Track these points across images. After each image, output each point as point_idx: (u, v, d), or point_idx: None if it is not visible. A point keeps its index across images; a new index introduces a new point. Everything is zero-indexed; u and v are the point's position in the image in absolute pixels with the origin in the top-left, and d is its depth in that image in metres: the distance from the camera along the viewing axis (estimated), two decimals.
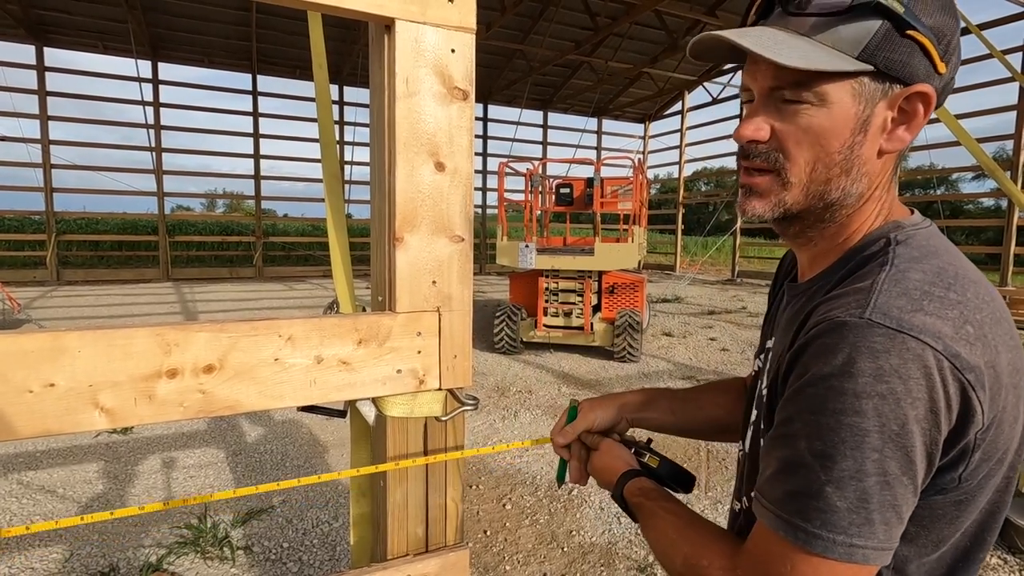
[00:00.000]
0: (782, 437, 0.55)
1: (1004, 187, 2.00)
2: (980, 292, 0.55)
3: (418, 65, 0.78)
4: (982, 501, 0.57)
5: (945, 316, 0.51)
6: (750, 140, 0.62)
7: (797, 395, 0.54)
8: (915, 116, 0.57)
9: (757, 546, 0.56)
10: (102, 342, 0.65)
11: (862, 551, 0.50)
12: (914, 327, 0.50)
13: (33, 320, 8.02)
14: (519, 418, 4.49)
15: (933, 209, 11.48)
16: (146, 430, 4.06)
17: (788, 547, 0.52)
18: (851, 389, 0.49)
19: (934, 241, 0.60)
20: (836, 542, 0.50)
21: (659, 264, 18.34)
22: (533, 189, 7.18)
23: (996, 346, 0.52)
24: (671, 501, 0.73)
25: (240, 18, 12.50)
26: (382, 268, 0.86)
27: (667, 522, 0.68)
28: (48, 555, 2.52)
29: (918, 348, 0.49)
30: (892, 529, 0.51)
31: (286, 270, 15.48)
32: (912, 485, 0.51)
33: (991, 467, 0.55)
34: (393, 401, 0.84)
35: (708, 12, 11.64)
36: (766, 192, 0.63)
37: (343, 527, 2.79)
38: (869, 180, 0.61)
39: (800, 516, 0.52)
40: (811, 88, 0.57)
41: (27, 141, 12.19)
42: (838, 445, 0.50)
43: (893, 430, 0.49)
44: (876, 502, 0.50)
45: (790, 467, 0.53)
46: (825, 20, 0.56)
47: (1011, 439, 0.55)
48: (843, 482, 0.50)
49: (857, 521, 0.50)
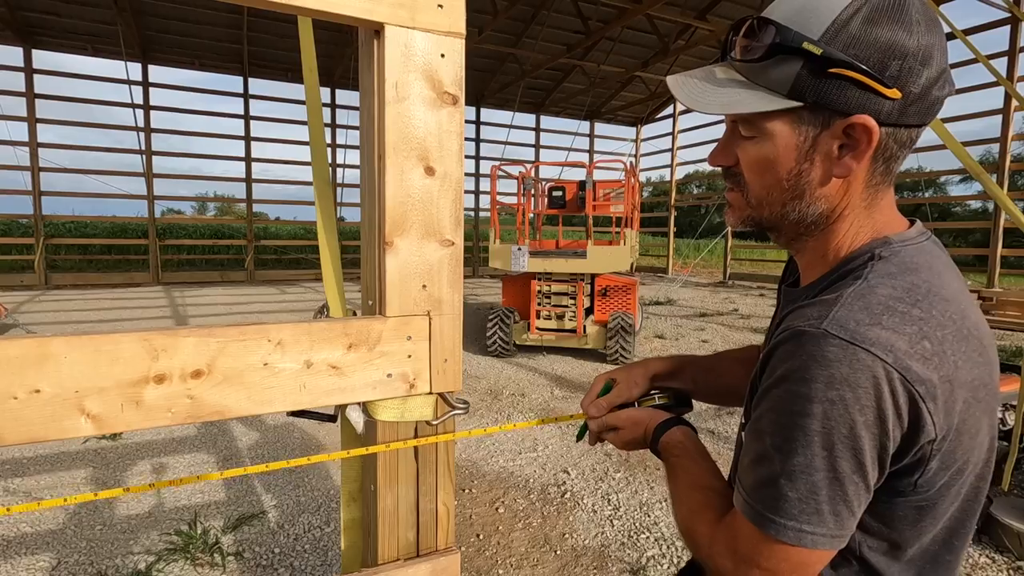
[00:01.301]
0: (755, 431, 0.62)
1: (990, 190, 2.03)
2: (949, 310, 0.58)
3: (407, 70, 0.78)
4: (945, 507, 0.61)
5: (902, 331, 0.55)
6: (717, 165, 0.71)
7: (765, 394, 0.61)
8: (858, 145, 0.61)
9: (732, 524, 0.64)
10: (88, 348, 0.65)
11: (811, 536, 0.56)
12: (867, 340, 0.54)
13: (21, 325, 7.92)
14: (512, 421, 4.49)
15: (921, 212, 11.62)
16: (135, 436, 4.02)
17: (752, 528, 0.60)
18: (805, 394, 0.55)
19: (919, 258, 0.62)
20: (787, 527, 0.57)
21: (651, 267, 18.40)
22: (526, 192, 7.19)
23: (956, 362, 0.56)
24: (687, 458, 0.79)
25: (231, 20, 12.45)
26: (372, 272, 0.86)
27: (681, 480, 0.77)
28: (35, 563, 2.49)
29: (868, 360, 0.53)
30: (843, 520, 0.57)
31: (277, 273, 15.41)
32: (864, 483, 0.56)
33: (950, 476, 0.59)
34: (384, 405, 0.84)
35: (699, 16, 11.72)
36: (736, 207, 0.72)
37: (334, 532, 2.78)
38: (828, 202, 0.65)
39: (761, 503, 0.59)
40: (755, 124, 0.64)
41: (15, 144, 12.07)
42: (792, 443, 0.56)
43: (842, 433, 0.54)
44: (825, 495, 0.55)
45: (758, 458, 0.60)
46: (755, 66, 0.63)
47: (971, 450, 0.59)
48: (794, 475, 0.56)
49: (807, 510, 0.56)
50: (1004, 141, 10.20)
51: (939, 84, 0.60)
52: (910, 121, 0.60)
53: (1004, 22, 10.05)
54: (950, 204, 15.82)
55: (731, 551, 0.63)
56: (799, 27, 0.59)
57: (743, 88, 0.64)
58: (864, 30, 0.57)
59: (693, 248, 18.36)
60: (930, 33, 0.58)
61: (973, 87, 10.32)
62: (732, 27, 0.67)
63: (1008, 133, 10.15)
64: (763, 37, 0.61)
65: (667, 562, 2.56)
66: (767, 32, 0.61)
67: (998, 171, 10.11)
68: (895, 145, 0.62)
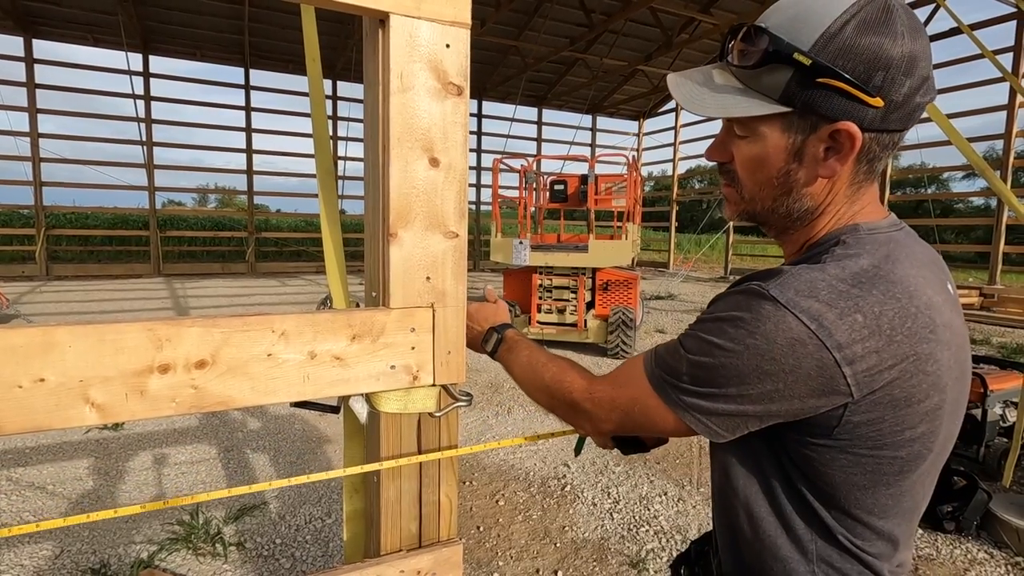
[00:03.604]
0: (684, 336, 0.70)
1: (993, 186, 2.02)
2: (893, 291, 0.61)
3: (412, 60, 0.77)
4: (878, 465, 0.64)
5: (835, 305, 0.60)
6: (713, 160, 0.76)
7: (701, 322, 0.69)
8: (842, 149, 0.65)
9: (622, 371, 0.76)
10: (92, 337, 0.65)
11: (683, 409, 0.67)
12: (797, 305, 0.60)
13: (22, 315, 7.94)
14: (512, 414, 4.50)
15: (924, 208, 11.58)
16: (138, 426, 4.04)
17: (644, 380, 0.71)
18: (730, 333, 0.63)
19: (878, 247, 0.66)
20: (670, 394, 0.68)
21: (652, 261, 18.39)
22: (527, 186, 7.18)
23: (892, 335, 0.60)
24: (537, 349, 0.95)
25: (232, 11, 12.38)
26: (376, 264, 0.86)
27: (537, 357, 0.92)
28: (38, 552, 2.50)
29: (793, 322, 0.59)
30: (712, 416, 0.66)
31: (279, 265, 15.40)
32: (739, 406, 0.64)
33: (881, 437, 0.63)
34: (387, 397, 0.84)
35: (702, 10, 11.64)
36: (731, 201, 0.78)
37: (336, 523, 2.79)
38: (813, 199, 0.70)
39: (662, 370, 0.70)
40: (748, 125, 0.69)
41: (16, 134, 12.05)
42: (703, 361, 0.65)
43: (743, 372, 0.62)
44: (706, 391, 0.65)
45: (674, 352, 0.70)
46: (749, 72, 0.67)
47: (902, 416, 0.62)
48: (694, 376, 0.66)
49: (691, 389, 0.66)
50: (1008, 137, 10.15)
51: (922, 91, 0.63)
52: (892, 127, 0.64)
53: (1010, 17, 9.99)
54: (952, 200, 15.78)
55: (614, 392, 0.75)
56: (791, 37, 0.63)
57: (738, 93, 0.69)
58: (851, 42, 0.61)
59: (694, 243, 18.33)
60: (914, 41, 0.61)
61: (978, 83, 10.27)
62: (730, 32, 0.71)
63: (1012, 129, 10.11)
64: (758, 43, 0.65)
65: (666, 555, 2.57)
66: (762, 39, 0.65)
67: (1002, 167, 10.07)
68: (878, 148, 0.66)
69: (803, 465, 0.66)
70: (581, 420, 0.81)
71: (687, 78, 0.74)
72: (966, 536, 2.71)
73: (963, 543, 2.68)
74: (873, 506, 0.66)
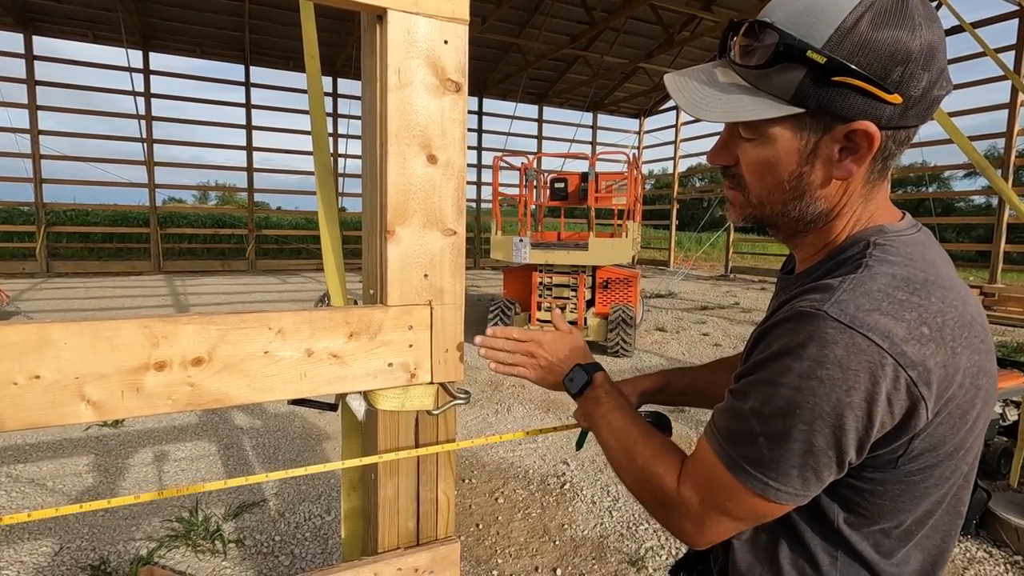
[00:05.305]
0: (739, 393, 0.63)
1: (995, 185, 2.02)
2: (948, 296, 0.59)
3: (410, 56, 0.77)
4: (929, 488, 0.62)
5: (901, 317, 0.56)
6: (717, 164, 0.72)
7: (757, 366, 0.61)
8: (859, 149, 0.61)
9: (698, 462, 0.67)
10: (88, 334, 0.64)
11: (775, 491, 0.59)
12: (865, 324, 0.55)
13: (22, 312, 7.94)
14: (512, 412, 4.50)
15: (925, 206, 11.57)
16: (137, 423, 4.04)
17: (723, 472, 0.62)
18: (796, 369, 0.56)
19: (912, 249, 0.63)
20: (756, 478, 0.60)
21: (653, 260, 18.37)
22: (528, 183, 7.17)
23: (954, 348, 0.57)
24: (624, 406, 0.82)
25: (232, 7, 12.35)
26: (374, 261, 0.86)
27: (626, 423, 0.79)
28: (37, 548, 2.50)
29: (864, 344, 0.54)
30: (808, 484, 0.59)
31: (279, 263, 15.39)
32: (836, 459, 0.58)
33: (939, 458, 0.60)
34: (384, 395, 0.84)
35: (704, 7, 11.61)
36: (736, 205, 0.73)
37: (335, 521, 2.79)
38: (827, 202, 0.66)
39: (737, 452, 0.61)
40: (756, 127, 0.64)
41: (16, 131, 12.02)
42: (774, 410, 0.58)
43: (825, 410, 0.56)
44: (797, 462, 0.58)
45: (738, 415, 0.62)
46: (759, 73, 0.62)
47: (964, 436, 0.60)
48: (772, 438, 0.59)
49: (778, 469, 0.59)
50: (1010, 136, 10.13)
51: (939, 84, 0.60)
52: (910, 123, 0.61)
53: (1012, 15, 9.95)
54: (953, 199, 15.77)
55: (700, 491, 0.65)
56: (802, 33, 0.58)
57: (745, 93, 0.64)
58: (868, 36, 0.56)
59: (695, 241, 18.31)
60: (932, 32, 0.58)
61: (980, 81, 10.23)
62: (730, 27, 0.66)
63: (1014, 128, 10.08)
64: (765, 40, 0.61)
65: (665, 553, 2.58)
66: (769, 36, 0.60)
67: (1003, 166, 10.05)
68: (894, 145, 0.63)
69: (843, 495, 0.62)
70: (672, 525, 0.69)
71: (689, 78, 0.68)
72: (965, 535, 2.71)
73: (962, 542, 2.68)
74: (911, 524, 0.63)
